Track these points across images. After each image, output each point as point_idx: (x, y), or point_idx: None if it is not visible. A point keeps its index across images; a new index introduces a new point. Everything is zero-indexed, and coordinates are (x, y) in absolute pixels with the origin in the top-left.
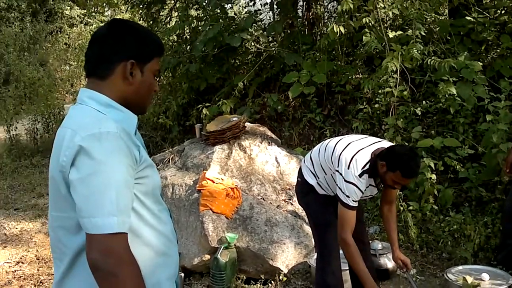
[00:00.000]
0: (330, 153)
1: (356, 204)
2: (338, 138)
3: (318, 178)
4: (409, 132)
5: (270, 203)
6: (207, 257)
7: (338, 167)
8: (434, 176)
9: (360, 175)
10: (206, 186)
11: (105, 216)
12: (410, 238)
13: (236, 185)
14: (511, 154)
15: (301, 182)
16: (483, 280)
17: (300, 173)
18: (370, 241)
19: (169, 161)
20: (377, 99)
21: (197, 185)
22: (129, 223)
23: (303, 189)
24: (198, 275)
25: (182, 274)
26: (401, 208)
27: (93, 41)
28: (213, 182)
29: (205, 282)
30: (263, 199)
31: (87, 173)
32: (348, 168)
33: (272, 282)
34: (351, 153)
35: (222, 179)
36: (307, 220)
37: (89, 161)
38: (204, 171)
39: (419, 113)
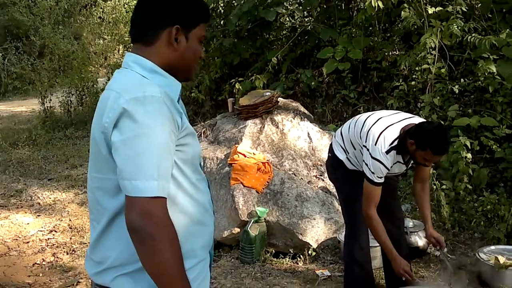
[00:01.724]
0: (359, 128)
1: (381, 180)
2: (369, 113)
3: (348, 153)
4: (446, 111)
5: (301, 178)
6: (237, 230)
7: (366, 142)
8: (469, 156)
9: (388, 152)
10: (238, 160)
11: (146, 179)
12: (442, 217)
13: (267, 160)
14: None
15: (332, 157)
16: None
17: (330, 148)
18: None
19: (201, 135)
20: (414, 76)
21: (229, 159)
22: (168, 188)
23: (334, 164)
24: (227, 248)
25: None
26: (434, 187)
27: (139, 5)
28: (245, 156)
29: (234, 255)
30: (294, 174)
31: (130, 135)
32: (376, 145)
33: (301, 256)
34: (380, 129)
35: (254, 154)
36: (337, 196)
37: (132, 124)
38: (236, 145)
39: (457, 91)
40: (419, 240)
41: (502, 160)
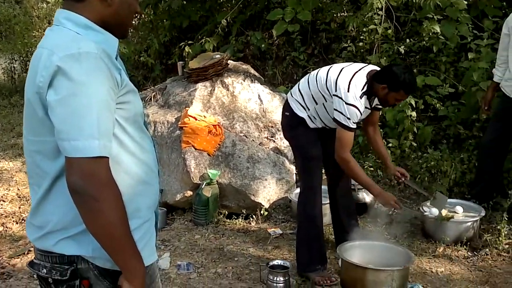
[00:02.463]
0: (323, 81)
1: (355, 126)
2: (326, 67)
3: (309, 110)
4: None
5: (253, 140)
6: (190, 193)
7: (336, 91)
8: (414, 114)
9: (360, 97)
10: (188, 123)
11: (86, 139)
12: (388, 174)
13: (218, 122)
14: (489, 92)
15: (290, 115)
16: (457, 213)
17: (287, 107)
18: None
19: (151, 99)
20: (361, 37)
21: (179, 123)
22: (110, 148)
23: (292, 123)
24: (180, 211)
25: (165, 210)
26: None
27: None
28: (195, 119)
29: (187, 217)
30: (246, 136)
31: (66, 94)
32: (348, 91)
33: (254, 216)
34: (348, 77)
35: (205, 116)
36: (289, 157)
37: (68, 82)
38: (186, 108)
39: (402, 52)
40: (366, 196)
41: (445, 118)
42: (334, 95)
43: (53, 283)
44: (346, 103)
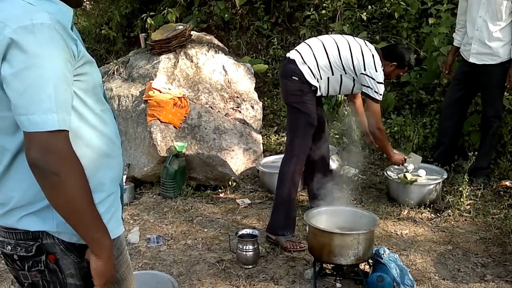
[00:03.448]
0: (348, 60)
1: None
2: (341, 41)
3: (321, 79)
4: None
5: (218, 111)
6: (157, 166)
7: (365, 71)
8: None
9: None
10: (153, 96)
11: (44, 113)
12: (354, 141)
13: (183, 95)
14: (449, 56)
15: (299, 81)
16: (420, 176)
17: (296, 72)
18: None
19: (113, 72)
20: (324, 4)
21: (144, 96)
22: (70, 121)
23: (303, 88)
24: (149, 185)
25: (133, 184)
26: (346, 113)
27: None
28: (160, 92)
29: (156, 191)
30: (211, 108)
31: (21, 67)
32: (377, 71)
33: (222, 187)
34: (371, 57)
35: (169, 89)
36: (255, 127)
37: (22, 55)
38: (151, 81)
39: (365, 19)
40: (333, 163)
41: (407, 84)
42: (362, 73)
43: (18, 260)
44: (378, 82)
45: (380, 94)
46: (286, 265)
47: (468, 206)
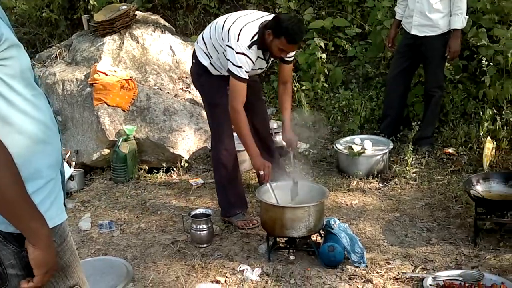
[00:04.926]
0: (220, 30)
1: (247, 76)
2: (227, 15)
3: (212, 58)
4: (302, 14)
5: (167, 92)
6: (106, 151)
7: (228, 42)
8: (324, 56)
9: (250, 46)
10: (99, 79)
11: None
12: (305, 116)
13: (130, 77)
14: (392, 29)
15: (196, 63)
16: (366, 148)
17: (194, 55)
18: None
19: (56, 56)
20: None
21: (89, 79)
22: None
23: (198, 71)
24: (99, 170)
25: (82, 171)
26: (295, 89)
27: None
28: (106, 75)
29: (107, 176)
30: (160, 89)
31: None
32: (238, 40)
33: (175, 169)
34: (239, 27)
35: (115, 71)
36: (202, 103)
37: None
38: (95, 64)
39: None
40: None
41: (354, 58)
42: (226, 45)
43: None
44: (237, 52)
45: (244, 69)
46: (240, 241)
47: (414, 174)
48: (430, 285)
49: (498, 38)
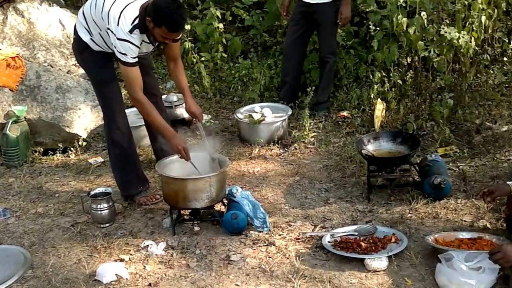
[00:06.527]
0: (100, 9)
1: (135, 60)
2: None
3: (92, 34)
4: None
5: (59, 69)
6: None
7: (108, 25)
8: (221, 26)
9: (131, 31)
10: None
11: None
12: (205, 88)
13: (17, 54)
14: None
15: (76, 39)
16: (266, 116)
17: (75, 30)
18: (166, 95)
19: None
20: None
21: None
22: None
23: (79, 47)
24: None
25: None
26: (194, 60)
27: None
28: None
29: None
30: (51, 66)
31: None
32: (118, 25)
33: (72, 149)
34: (119, 9)
35: (0, 49)
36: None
37: None
38: None
39: None
40: (184, 112)
41: (251, 28)
42: (107, 28)
43: None
44: (118, 39)
45: (130, 56)
46: (144, 217)
47: (312, 139)
48: (328, 241)
49: (385, 3)
